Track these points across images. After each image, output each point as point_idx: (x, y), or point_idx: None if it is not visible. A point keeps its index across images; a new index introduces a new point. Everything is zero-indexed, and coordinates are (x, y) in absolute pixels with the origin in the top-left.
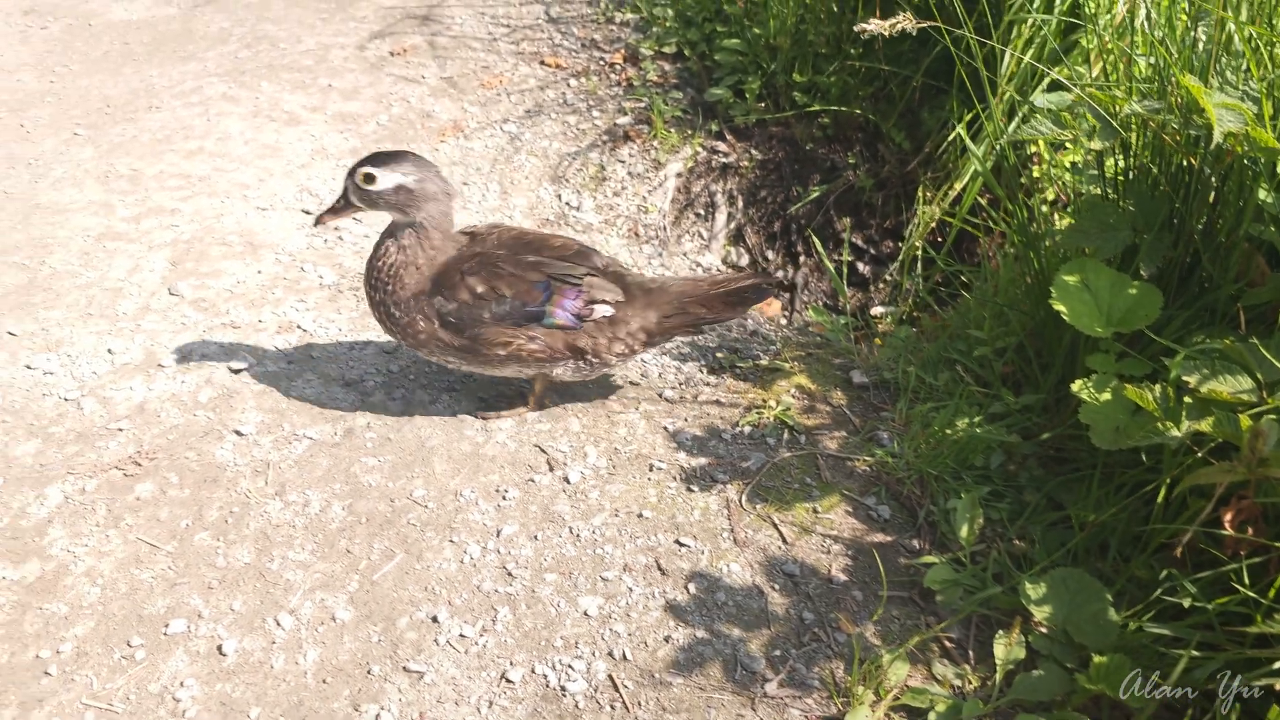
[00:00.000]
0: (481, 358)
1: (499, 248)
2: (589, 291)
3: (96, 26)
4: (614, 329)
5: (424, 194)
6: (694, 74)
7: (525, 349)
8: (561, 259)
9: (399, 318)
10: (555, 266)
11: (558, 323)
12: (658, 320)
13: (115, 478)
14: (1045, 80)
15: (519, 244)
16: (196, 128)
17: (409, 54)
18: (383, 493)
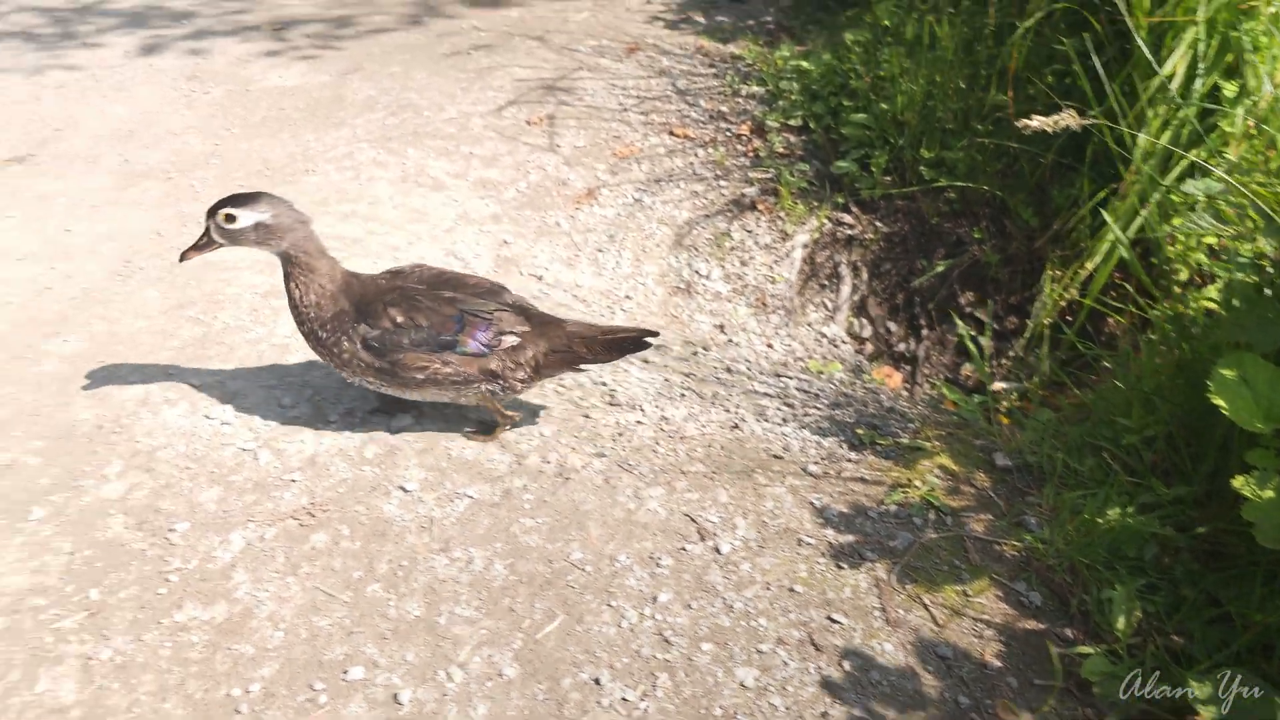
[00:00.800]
0: (400, 380)
1: (419, 283)
2: (498, 324)
3: (254, 92)
4: (517, 356)
5: (280, 226)
6: (819, 146)
7: (440, 373)
8: (475, 295)
9: (324, 338)
10: (469, 303)
11: (469, 351)
12: (546, 352)
13: (291, 527)
14: (1182, 163)
15: (438, 281)
16: (349, 191)
17: (544, 123)
18: (541, 554)
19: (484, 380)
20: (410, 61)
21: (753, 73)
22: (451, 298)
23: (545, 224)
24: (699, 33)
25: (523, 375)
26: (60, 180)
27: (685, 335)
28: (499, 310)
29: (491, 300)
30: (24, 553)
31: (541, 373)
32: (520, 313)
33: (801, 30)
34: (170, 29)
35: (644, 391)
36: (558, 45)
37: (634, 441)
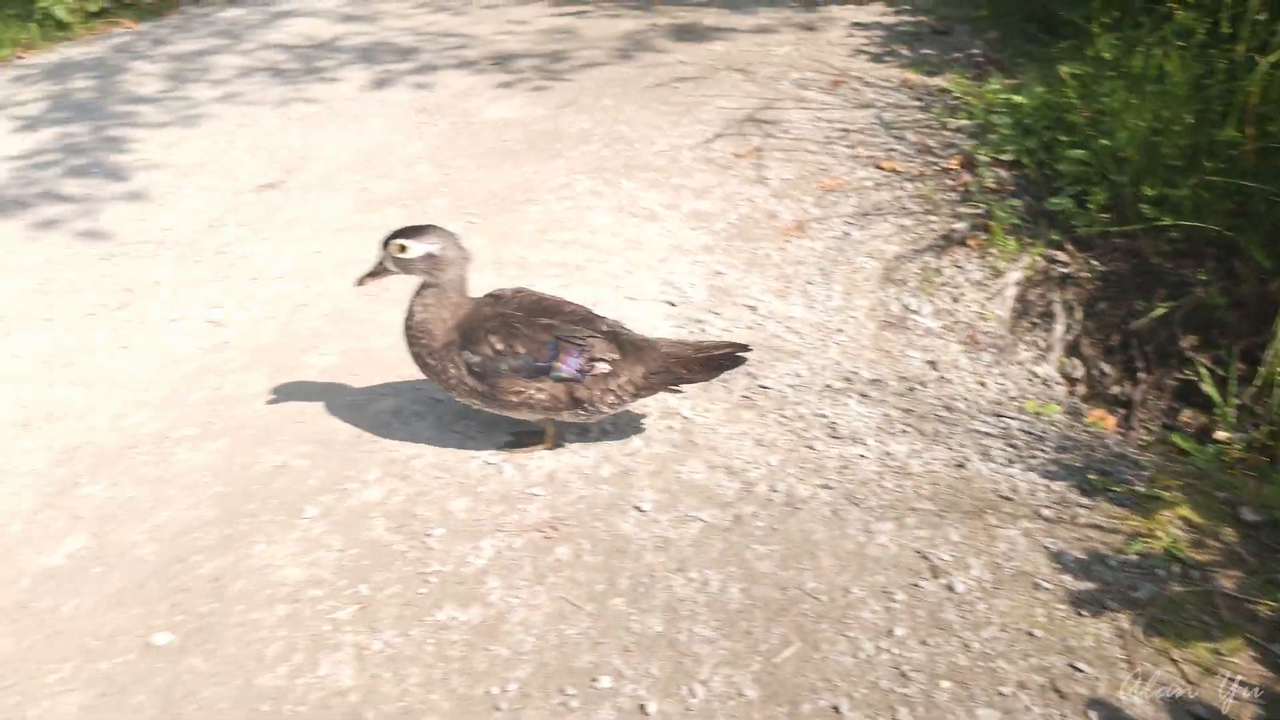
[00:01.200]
0: (499, 403)
1: (519, 310)
2: (590, 350)
3: (476, 124)
4: (608, 382)
5: (446, 260)
6: (1032, 182)
7: (534, 398)
8: (571, 322)
9: (433, 365)
10: (563, 329)
11: (563, 376)
12: (643, 375)
13: (536, 539)
14: None
15: (537, 308)
16: (568, 220)
17: (751, 156)
18: (775, 580)
19: (574, 405)
20: (621, 95)
21: (960, 106)
22: (548, 324)
23: (756, 256)
24: (903, 65)
25: (611, 399)
26: (307, 206)
27: (898, 370)
28: (591, 337)
29: (585, 327)
30: (299, 547)
31: (641, 394)
32: (612, 339)
33: (1010, 62)
34: (398, 64)
35: (865, 425)
36: (762, 78)
37: (859, 475)
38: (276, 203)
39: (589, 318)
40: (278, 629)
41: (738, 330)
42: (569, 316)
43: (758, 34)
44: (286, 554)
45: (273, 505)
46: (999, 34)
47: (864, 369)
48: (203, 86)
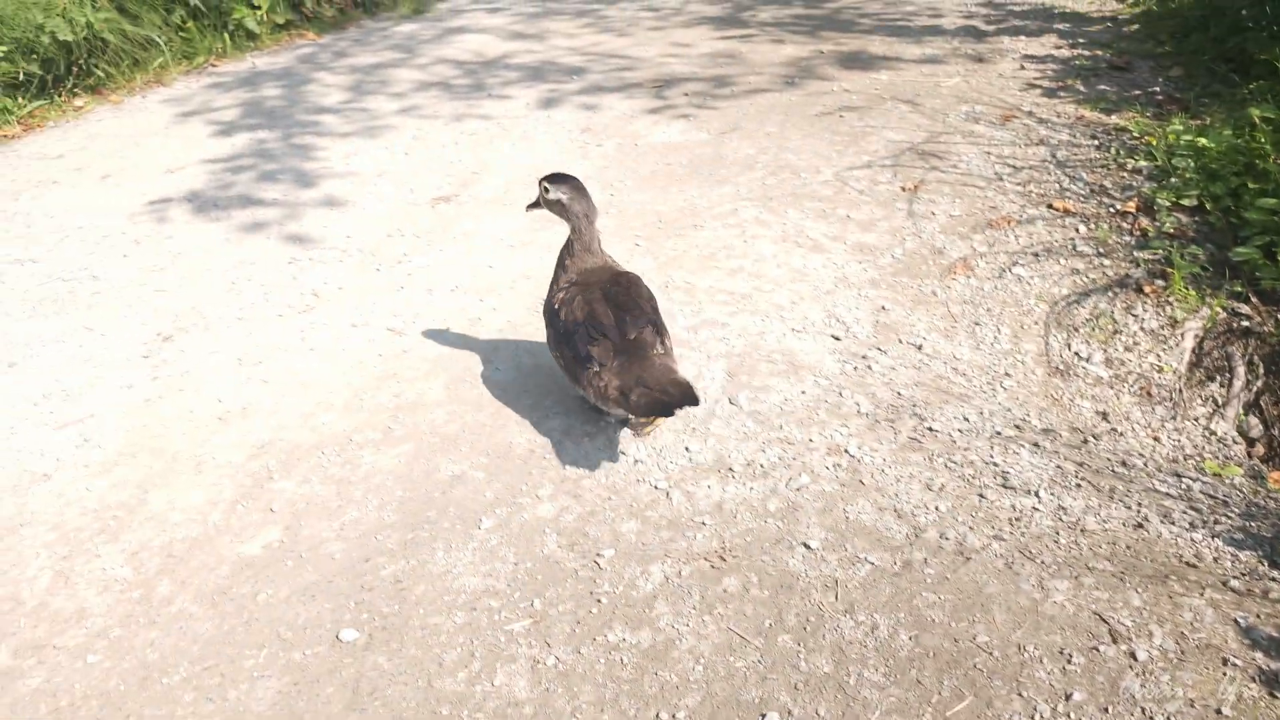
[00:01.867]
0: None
1: (609, 284)
2: (592, 352)
3: (641, 147)
4: (595, 382)
5: (571, 210)
6: (1215, 229)
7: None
8: (623, 320)
9: (548, 305)
10: (603, 326)
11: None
12: (618, 389)
13: (704, 568)
14: None
15: (624, 297)
16: (735, 248)
17: (919, 189)
18: (946, 631)
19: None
20: (784, 122)
21: (1139, 146)
22: (616, 311)
23: (921, 292)
24: (1079, 101)
25: (609, 400)
26: (480, 220)
27: (1069, 420)
28: (603, 339)
29: (630, 328)
30: (476, 557)
31: (624, 406)
32: (617, 350)
33: (1195, 103)
34: (564, 84)
35: (1037, 477)
36: (929, 110)
37: (1032, 529)
38: (450, 215)
39: (633, 320)
40: (456, 635)
41: (903, 369)
42: (633, 312)
43: (925, 64)
44: (465, 563)
45: (451, 514)
46: (1183, 72)
47: (1034, 417)
48: (381, 99)
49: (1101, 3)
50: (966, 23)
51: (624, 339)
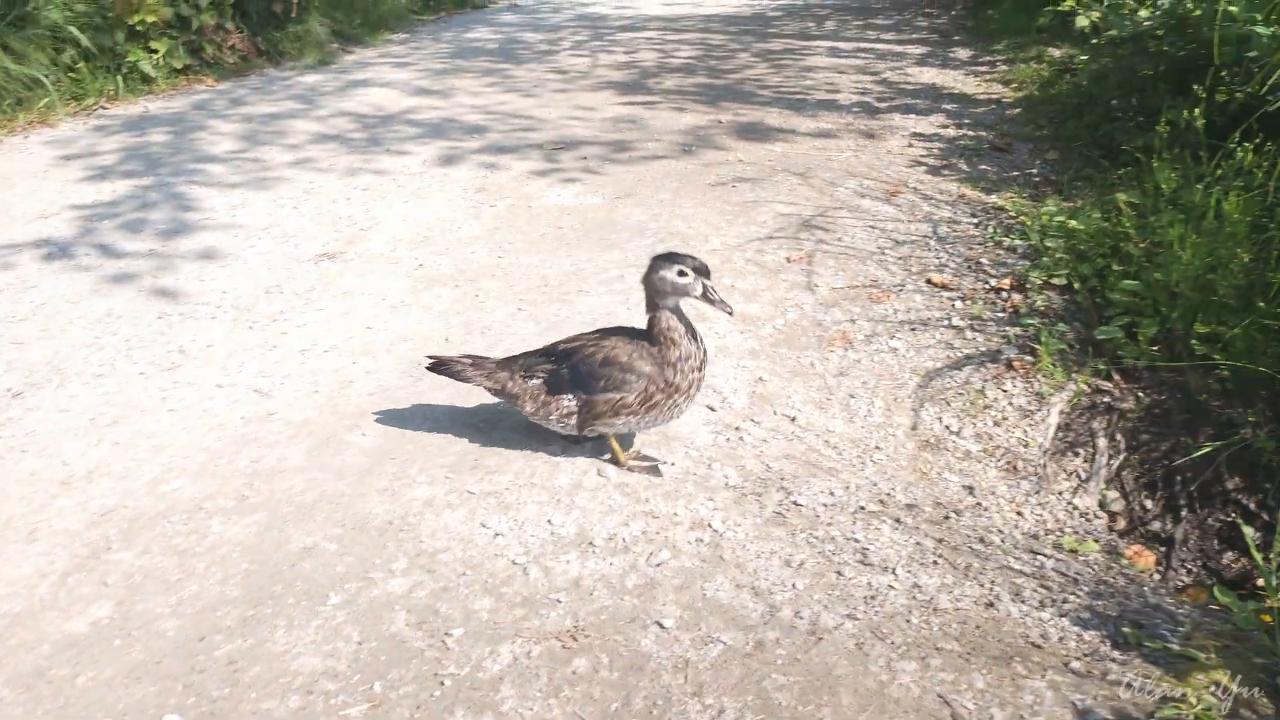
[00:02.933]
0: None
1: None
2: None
3: (535, 208)
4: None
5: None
6: (1082, 308)
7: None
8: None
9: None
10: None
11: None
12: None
13: (555, 648)
14: None
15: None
16: (619, 315)
17: (802, 261)
18: (793, 715)
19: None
20: (679, 189)
21: (1015, 225)
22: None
23: (800, 364)
24: (961, 180)
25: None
26: (364, 278)
27: (936, 495)
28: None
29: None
30: (319, 635)
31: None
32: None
33: (1068, 186)
34: (464, 142)
35: (896, 554)
36: (819, 183)
37: (886, 607)
38: (333, 273)
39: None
40: None
41: (775, 441)
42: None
43: (819, 138)
44: (306, 642)
45: (298, 588)
46: (1059, 156)
47: (900, 491)
48: (275, 150)
49: (988, 86)
50: (861, 99)
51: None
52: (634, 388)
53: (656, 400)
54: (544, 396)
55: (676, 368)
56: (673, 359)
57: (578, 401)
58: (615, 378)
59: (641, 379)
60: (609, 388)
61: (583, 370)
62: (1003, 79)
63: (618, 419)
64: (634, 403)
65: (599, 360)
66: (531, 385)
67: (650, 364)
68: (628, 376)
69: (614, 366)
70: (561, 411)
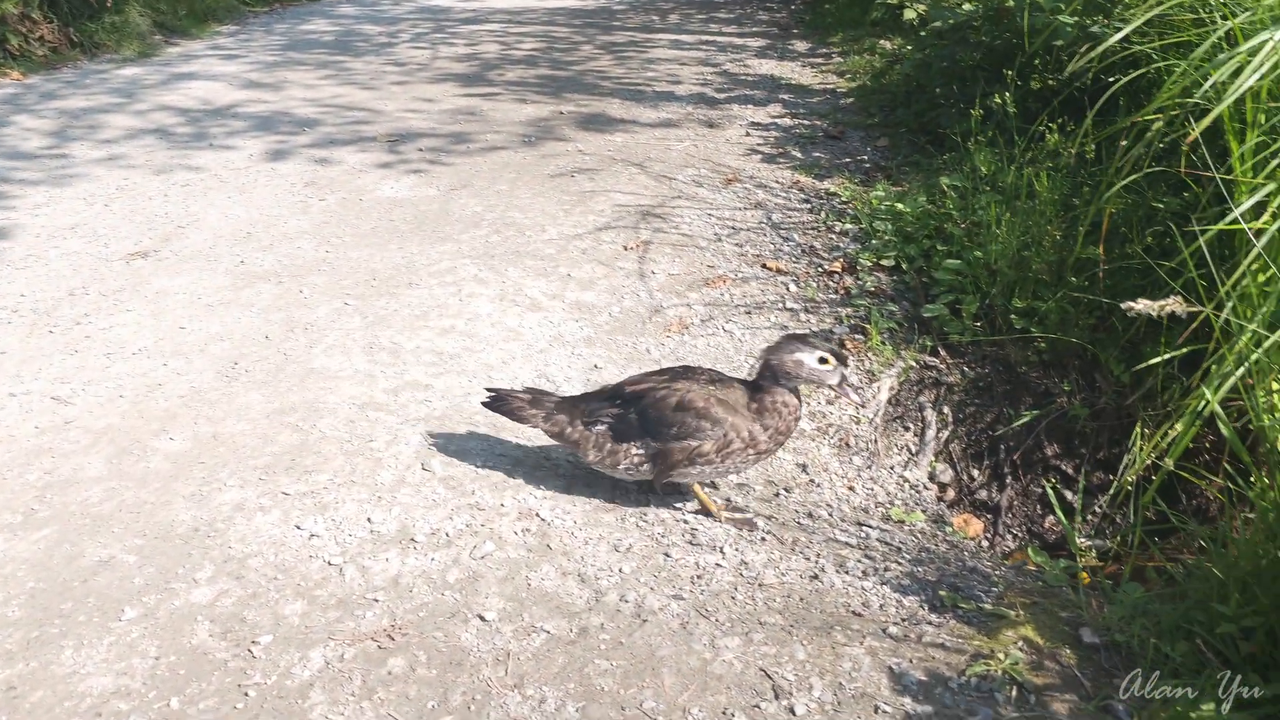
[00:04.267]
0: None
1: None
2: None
3: (367, 202)
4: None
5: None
6: (910, 288)
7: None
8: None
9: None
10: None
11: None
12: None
13: (370, 649)
14: None
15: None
16: (450, 306)
17: (640, 249)
18: (614, 699)
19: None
20: (516, 180)
21: (847, 210)
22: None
23: (636, 350)
24: (795, 167)
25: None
26: (179, 277)
27: (769, 475)
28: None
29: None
30: (112, 653)
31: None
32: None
33: (897, 171)
34: (294, 136)
35: (725, 533)
36: (658, 173)
37: (713, 585)
38: (146, 273)
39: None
40: None
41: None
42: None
43: (659, 128)
44: (96, 660)
45: (90, 605)
46: (889, 142)
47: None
48: (86, 145)
49: (824, 77)
50: (701, 90)
51: None
52: (710, 435)
53: (734, 449)
54: (610, 445)
55: (769, 431)
56: (769, 424)
57: (649, 450)
58: (689, 424)
59: (719, 426)
60: (683, 434)
61: (652, 415)
62: (837, 70)
63: (693, 468)
64: (710, 451)
65: (672, 405)
66: (596, 432)
67: (732, 413)
68: (703, 424)
69: (688, 412)
70: (631, 460)
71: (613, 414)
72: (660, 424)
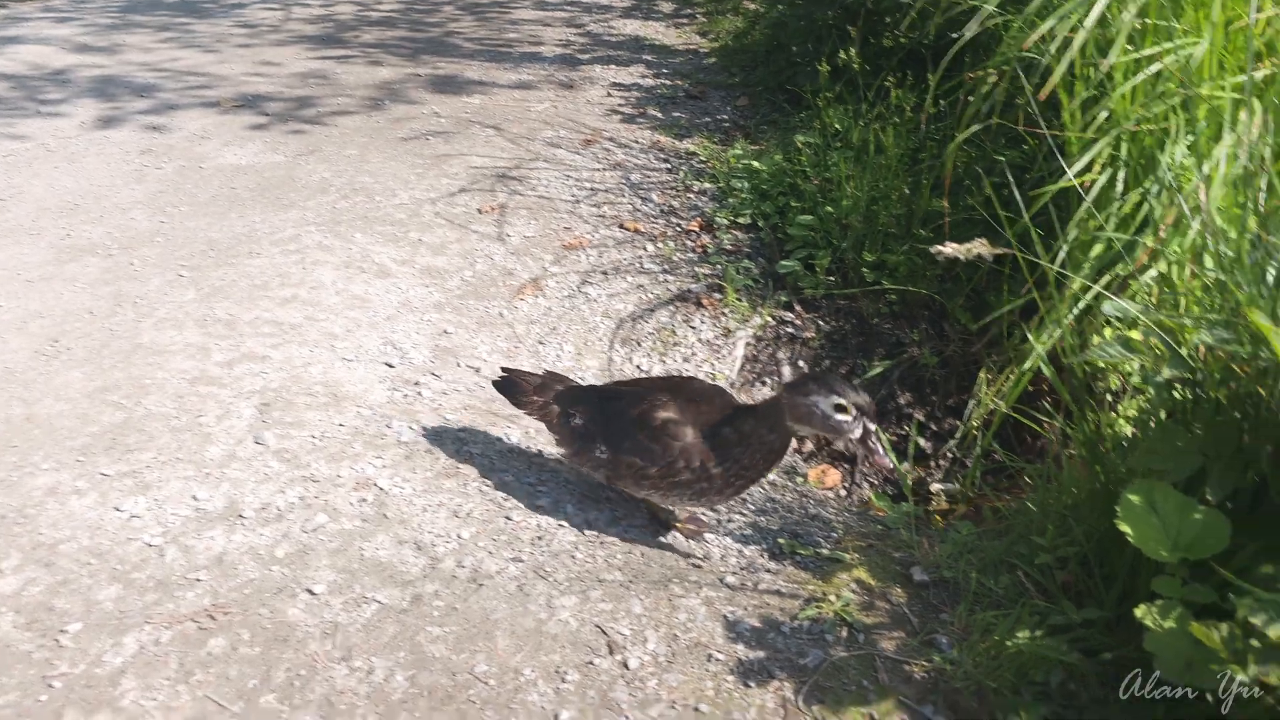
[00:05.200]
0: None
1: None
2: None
3: (207, 169)
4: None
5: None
6: (766, 245)
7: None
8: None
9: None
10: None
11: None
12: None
13: (190, 630)
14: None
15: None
16: (292, 275)
17: (495, 212)
18: (446, 665)
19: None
20: (367, 145)
21: (706, 169)
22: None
23: (488, 314)
24: (656, 128)
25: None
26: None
27: None
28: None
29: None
30: None
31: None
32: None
33: (755, 130)
34: (131, 101)
35: (570, 493)
36: (515, 135)
37: (554, 546)
38: None
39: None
40: None
41: (456, 393)
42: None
43: (518, 89)
44: None
45: None
46: (749, 101)
47: None
48: None
49: (687, 37)
50: (563, 51)
51: None
52: (657, 458)
53: (681, 479)
54: (579, 443)
55: (728, 466)
56: (735, 458)
57: (606, 456)
58: (641, 442)
59: (671, 452)
60: (633, 450)
61: (615, 423)
62: (701, 30)
63: (639, 490)
64: (654, 475)
65: (635, 415)
66: (571, 427)
67: (689, 438)
68: (653, 446)
69: (647, 429)
70: (593, 463)
71: (589, 412)
72: (620, 433)
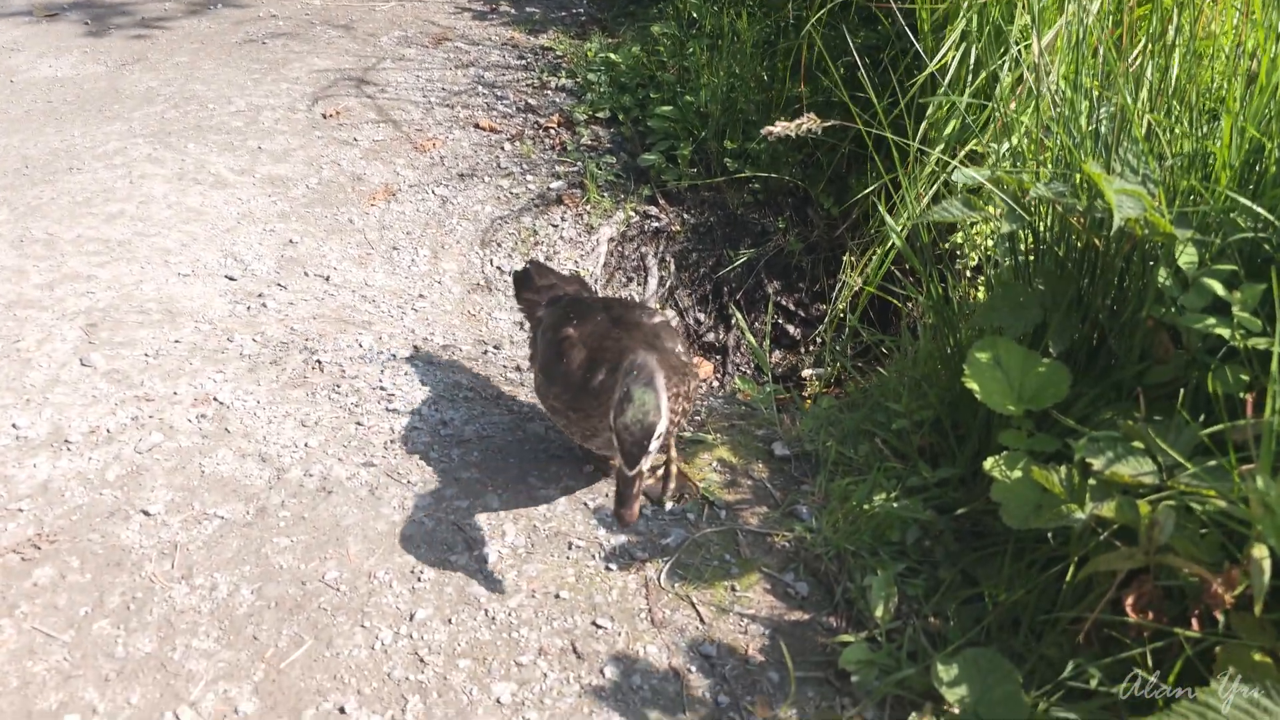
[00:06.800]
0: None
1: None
2: None
3: (19, 83)
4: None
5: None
6: (627, 139)
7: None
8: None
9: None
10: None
11: None
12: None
13: (12, 562)
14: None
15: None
16: (118, 190)
17: (342, 116)
18: (294, 575)
19: None
20: (198, 51)
21: (563, 65)
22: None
23: (337, 222)
24: (509, 23)
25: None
26: None
27: (479, 334)
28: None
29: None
30: None
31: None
32: None
33: (613, 22)
34: None
35: (424, 395)
36: (362, 35)
37: (407, 448)
38: None
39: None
40: None
41: (304, 303)
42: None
43: None
44: None
45: None
46: None
47: (439, 335)
48: None
49: None
50: None
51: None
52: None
53: (555, 408)
54: (530, 351)
55: (608, 413)
56: (616, 405)
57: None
58: (546, 354)
59: (556, 380)
60: (538, 362)
61: (545, 336)
62: None
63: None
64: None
65: (552, 322)
66: (533, 337)
67: (584, 374)
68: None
69: (556, 342)
70: (537, 378)
71: (538, 320)
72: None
